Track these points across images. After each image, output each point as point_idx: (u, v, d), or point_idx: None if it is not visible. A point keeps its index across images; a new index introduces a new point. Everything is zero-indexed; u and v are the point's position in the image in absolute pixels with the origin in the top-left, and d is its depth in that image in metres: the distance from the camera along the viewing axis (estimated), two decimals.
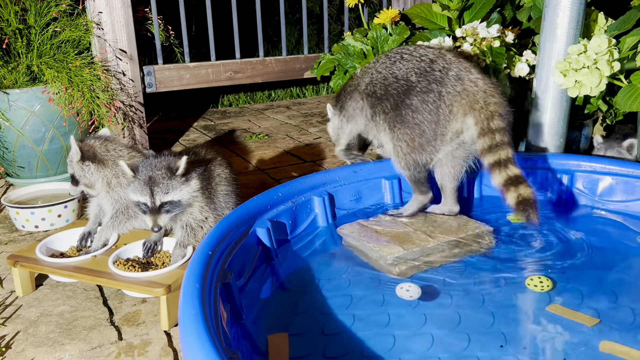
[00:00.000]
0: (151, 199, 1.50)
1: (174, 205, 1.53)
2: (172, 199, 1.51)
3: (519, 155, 1.80)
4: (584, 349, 1.17)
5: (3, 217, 2.14)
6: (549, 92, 2.04)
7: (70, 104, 2.32)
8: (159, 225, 1.52)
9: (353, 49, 2.93)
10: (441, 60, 1.65)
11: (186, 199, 1.55)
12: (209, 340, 0.96)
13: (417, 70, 1.65)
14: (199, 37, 5.49)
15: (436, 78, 1.62)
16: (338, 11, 5.74)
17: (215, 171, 1.70)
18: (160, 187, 1.50)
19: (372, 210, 1.87)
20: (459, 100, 1.59)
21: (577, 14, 1.94)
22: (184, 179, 1.53)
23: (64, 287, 1.62)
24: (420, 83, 1.63)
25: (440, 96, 1.60)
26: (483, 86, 1.61)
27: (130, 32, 2.73)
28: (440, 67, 1.64)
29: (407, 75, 1.66)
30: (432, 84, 1.61)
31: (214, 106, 4.30)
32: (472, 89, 1.60)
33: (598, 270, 1.51)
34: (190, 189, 1.55)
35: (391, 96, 1.67)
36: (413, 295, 1.37)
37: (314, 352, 1.19)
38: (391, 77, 1.69)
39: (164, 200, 1.51)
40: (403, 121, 1.64)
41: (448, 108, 1.60)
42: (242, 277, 1.40)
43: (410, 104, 1.63)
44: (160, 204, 1.51)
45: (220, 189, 1.69)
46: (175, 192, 1.52)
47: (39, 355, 1.32)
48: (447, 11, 2.60)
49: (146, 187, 1.50)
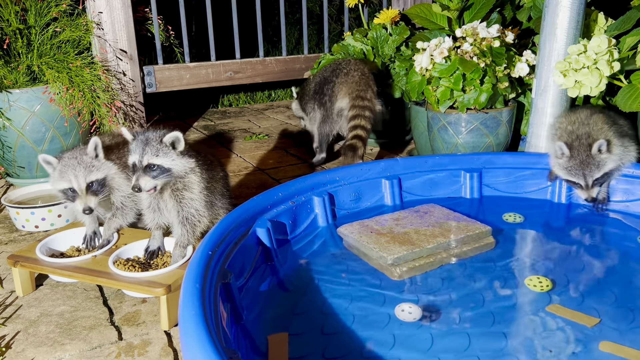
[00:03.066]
0: (139, 158, 1.51)
1: (161, 171, 1.52)
2: (161, 163, 1.52)
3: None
4: (584, 349, 1.17)
5: (3, 217, 2.15)
6: (549, 92, 2.04)
7: (71, 104, 2.32)
8: (139, 185, 1.50)
9: (353, 49, 2.93)
10: (345, 63, 2.62)
11: (178, 169, 1.55)
12: (209, 340, 0.96)
13: (330, 69, 2.64)
14: (199, 37, 5.49)
15: (335, 73, 2.59)
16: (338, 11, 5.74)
17: (215, 170, 1.71)
18: (150, 149, 1.51)
19: (372, 210, 1.87)
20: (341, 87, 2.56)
21: (577, 14, 1.94)
22: (176, 150, 1.54)
23: (64, 287, 1.62)
24: (328, 77, 2.61)
25: (333, 84, 2.58)
26: (359, 80, 2.53)
27: (130, 32, 2.73)
28: (341, 67, 2.60)
29: (324, 73, 2.66)
30: (332, 77, 2.59)
31: (214, 106, 4.30)
32: (351, 80, 2.54)
33: (598, 270, 1.51)
34: (182, 162, 1.55)
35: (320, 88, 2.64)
36: (416, 317, 1.29)
37: (314, 352, 1.19)
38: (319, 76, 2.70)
39: (152, 162, 1.51)
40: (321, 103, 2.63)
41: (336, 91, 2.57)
42: (242, 277, 1.40)
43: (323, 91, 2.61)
44: (147, 165, 1.51)
45: (218, 188, 1.69)
46: (164, 158, 1.52)
47: (39, 355, 1.32)
48: (447, 11, 2.60)
49: (139, 147, 1.52)
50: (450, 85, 2.23)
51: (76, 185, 1.59)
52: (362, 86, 2.53)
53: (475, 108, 2.25)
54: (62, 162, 1.61)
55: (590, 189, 1.76)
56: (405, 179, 1.95)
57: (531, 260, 1.57)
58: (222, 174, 1.76)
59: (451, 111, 2.28)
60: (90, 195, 1.60)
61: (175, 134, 1.53)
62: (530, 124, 2.13)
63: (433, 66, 2.26)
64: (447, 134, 2.30)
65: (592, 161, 1.73)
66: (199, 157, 1.62)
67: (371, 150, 2.97)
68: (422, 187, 1.97)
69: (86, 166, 1.60)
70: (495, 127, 2.28)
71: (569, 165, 1.76)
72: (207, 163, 1.67)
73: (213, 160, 1.76)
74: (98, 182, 1.61)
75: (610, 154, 1.75)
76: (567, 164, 1.76)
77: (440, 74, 2.25)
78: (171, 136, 1.53)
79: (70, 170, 1.59)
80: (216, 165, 1.75)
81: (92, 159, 1.62)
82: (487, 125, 2.26)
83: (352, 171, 1.89)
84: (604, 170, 1.75)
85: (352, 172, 1.89)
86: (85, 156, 1.62)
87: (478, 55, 2.20)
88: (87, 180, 1.59)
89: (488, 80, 2.20)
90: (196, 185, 1.59)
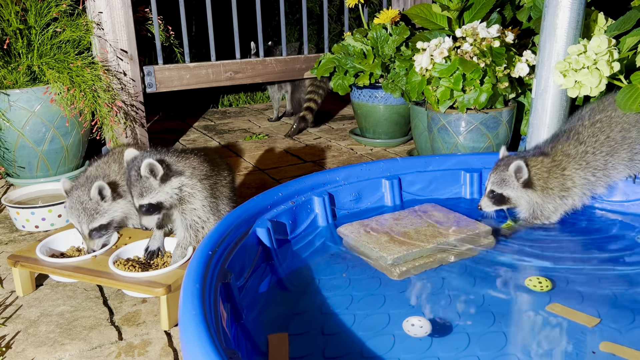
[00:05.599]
0: (133, 201, 1.52)
1: (153, 207, 1.51)
2: (149, 201, 1.50)
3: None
4: (584, 349, 1.17)
5: (3, 217, 2.15)
6: (548, 93, 2.04)
7: (72, 104, 2.32)
8: (145, 226, 1.53)
9: (353, 49, 2.93)
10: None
11: (166, 198, 1.52)
12: (209, 340, 0.96)
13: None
14: (199, 37, 5.49)
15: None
16: (338, 11, 5.74)
17: (220, 174, 1.69)
18: (134, 189, 1.49)
19: (372, 210, 1.87)
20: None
21: (577, 14, 1.94)
22: (157, 179, 1.49)
23: (64, 287, 1.62)
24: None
25: None
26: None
27: (130, 32, 2.73)
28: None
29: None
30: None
31: (214, 106, 4.30)
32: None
33: (598, 270, 1.51)
34: (167, 189, 1.51)
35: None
36: (427, 331, 1.23)
37: (314, 352, 1.19)
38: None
39: (141, 203, 1.50)
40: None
41: None
42: (242, 277, 1.40)
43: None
44: (140, 206, 1.51)
45: (225, 193, 1.69)
46: (148, 194, 1.49)
47: (39, 355, 1.32)
48: (447, 11, 2.60)
49: (128, 189, 1.51)
50: (450, 85, 2.23)
51: (79, 229, 1.60)
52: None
53: (475, 108, 2.25)
54: (70, 199, 1.59)
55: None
56: (405, 179, 1.95)
57: (531, 260, 1.57)
58: (229, 178, 1.73)
59: (451, 111, 2.28)
60: (95, 239, 1.60)
61: (146, 162, 1.46)
62: (530, 124, 2.13)
63: (433, 66, 2.26)
64: (447, 134, 2.30)
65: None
66: (196, 164, 1.58)
67: (371, 151, 2.97)
68: (422, 187, 1.97)
69: (89, 213, 1.58)
70: (495, 127, 2.28)
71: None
72: (209, 169, 1.63)
73: (220, 163, 1.73)
74: (102, 227, 1.60)
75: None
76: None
77: (440, 74, 2.25)
78: (145, 167, 1.47)
79: (74, 213, 1.58)
80: (222, 169, 1.72)
81: (98, 203, 1.59)
82: (487, 125, 2.26)
83: (352, 171, 1.89)
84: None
85: (352, 172, 1.89)
86: (90, 201, 1.58)
87: (478, 56, 2.20)
88: (89, 227, 1.58)
89: (488, 81, 2.20)
90: (197, 196, 1.57)
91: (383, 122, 2.98)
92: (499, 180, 1.72)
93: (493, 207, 1.75)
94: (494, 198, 1.73)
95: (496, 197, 1.73)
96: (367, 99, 2.96)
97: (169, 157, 1.55)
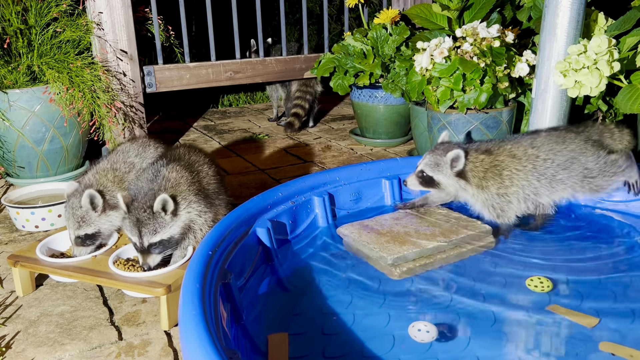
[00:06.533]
0: (139, 240, 1.47)
1: (165, 244, 1.49)
2: (162, 237, 1.48)
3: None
4: (584, 349, 1.17)
5: (3, 217, 2.15)
6: (548, 93, 2.04)
7: (71, 105, 2.32)
8: (147, 265, 1.49)
9: (353, 49, 2.93)
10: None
11: (177, 232, 1.50)
12: (209, 340, 0.96)
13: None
14: (199, 37, 5.49)
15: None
16: (338, 11, 5.74)
17: (203, 171, 1.67)
18: (146, 228, 1.46)
19: (372, 210, 1.87)
20: None
21: (577, 14, 1.94)
22: (168, 213, 1.47)
23: (64, 287, 1.62)
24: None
25: None
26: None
27: (130, 32, 2.73)
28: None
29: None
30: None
31: (214, 106, 4.30)
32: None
33: (598, 270, 1.51)
34: (179, 222, 1.50)
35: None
36: (434, 336, 1.21)
37: (314, 352, 1.19)
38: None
39: (152, 241, 1.47)
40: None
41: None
42: (242, 277, 1.40)
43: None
44: (149, 245, 1.47)
45: (211, 187, 1.67)
46: (162, 231, 1.47)
47: (39, 355, 1.32)
48: (447, 11, 2.60)
49: (134, 228, 1.46)
50: (450, 85, 2.23)
51: (68, 234, 1.62)
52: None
53: (475, 108, 2.25)
54: (67, 205, 1.61)
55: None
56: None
57: (531, 260, 1.57)
58: (210, 171, 1.70)
59: (451, 111, 2.28)
60: (81, 247, 1.59)
61: (161, 198, 1.44)
62: (530, 124, 2.13)
63: (433, 66, 2.26)
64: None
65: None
66: (187, 175, 1.56)
67: (371, 150, 2.97)
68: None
69: (77, 220, 1.57)
70: (496, 127, 2.28)
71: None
72: (196, 172, 1.61)
73: (197, 159, 1.69)
74: (87, 236, 1.59)
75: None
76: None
77: (440, 74, 2.25)
78: (159, 202, 1.45)
79: (65, 216, 1.61)
80: (202, 163, 1.69)
81: (87, 212, 1.58)
82: (487, 125, 2.26)
83: (352, 171, 1.89)
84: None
85: (352, 172, 1.89)
86: (80, 209, 1.57)
87: (478, 55, 2.19)
88: (75, 234, 1.58)
89: (488, 80, 2.20)
90: (198, 213, 1.56)
91: (383, 122, 2.98)
92: (432, 163, 1.71)
93: (419, 186, 1.74)
94: (422, 179, 1.72)
95: (425, 178, 1.72)
96: (367, 99, 2.96)
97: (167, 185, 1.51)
